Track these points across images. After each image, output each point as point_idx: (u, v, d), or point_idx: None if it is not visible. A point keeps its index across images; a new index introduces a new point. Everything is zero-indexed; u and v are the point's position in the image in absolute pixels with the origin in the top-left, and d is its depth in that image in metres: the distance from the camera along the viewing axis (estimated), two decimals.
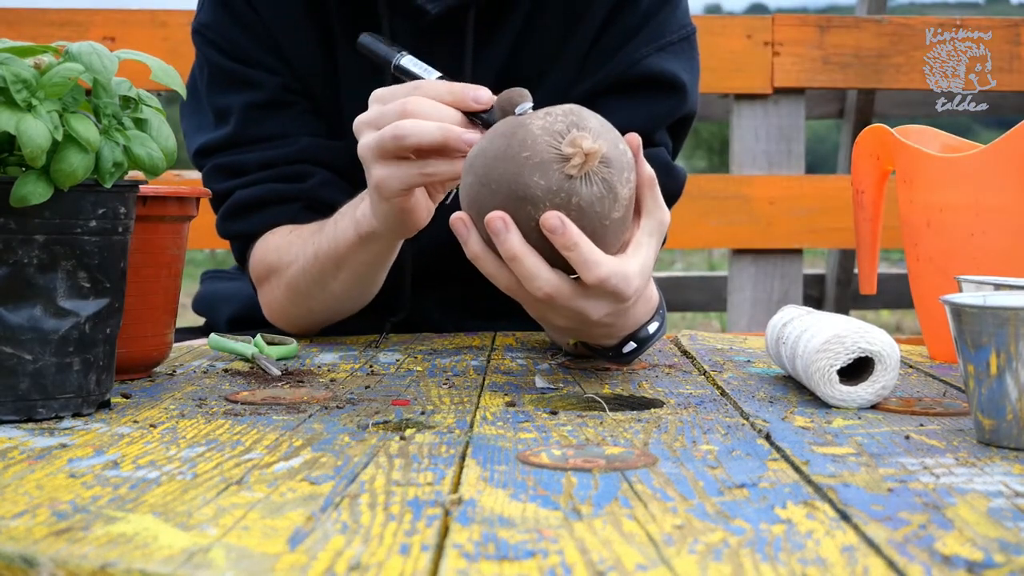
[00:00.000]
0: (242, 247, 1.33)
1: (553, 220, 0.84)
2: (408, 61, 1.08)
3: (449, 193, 1.35)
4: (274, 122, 1.30)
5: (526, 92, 0.92)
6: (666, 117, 1.31)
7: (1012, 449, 0.74)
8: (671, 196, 1.35)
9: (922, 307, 1.19)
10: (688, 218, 2.40)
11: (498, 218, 0.85)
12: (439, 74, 1.05)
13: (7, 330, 0.81)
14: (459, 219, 0.88)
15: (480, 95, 0.95)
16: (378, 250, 1.14)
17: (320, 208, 1.26)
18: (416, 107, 0.95)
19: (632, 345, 1.01)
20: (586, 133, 0.86)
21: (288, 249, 1.24)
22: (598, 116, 0.89)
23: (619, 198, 0.87)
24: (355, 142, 1.33)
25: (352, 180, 1.30)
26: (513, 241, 0.85)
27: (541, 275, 0.87)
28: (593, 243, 0.86)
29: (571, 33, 1.30)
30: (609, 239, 0.88)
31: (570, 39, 1.30)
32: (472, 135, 0.93)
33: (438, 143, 0.93)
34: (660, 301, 1.05)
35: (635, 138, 0.91)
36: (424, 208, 1.04)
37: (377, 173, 0.98)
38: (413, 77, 1.05)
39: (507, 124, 0.88)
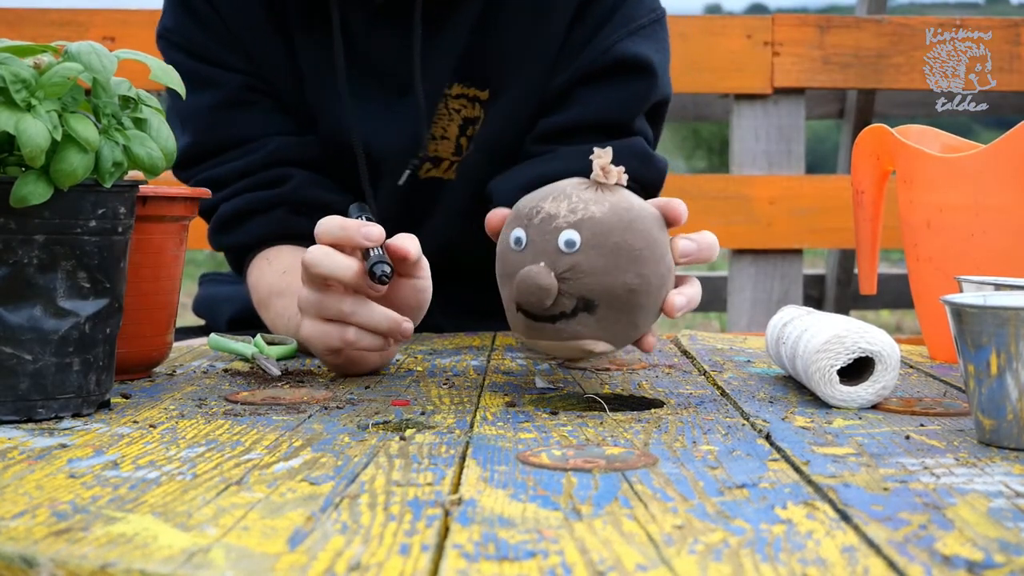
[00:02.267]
0: (236, 258, 1.33)
1: (685, 243, 0.91)
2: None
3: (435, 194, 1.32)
4: (240, 123, 1.29)
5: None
6: (641, 102, 1.31)
7: (1012, 449, 0.74)
8: (651, 186, 1.33)
9: (922, 307, 1.19)
10: (688, 218, 2.40)
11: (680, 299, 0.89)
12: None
13: (7, 330, 0.81)
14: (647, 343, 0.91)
15: (371, 232, 0.94)
16: None
17: (304, 209, 1.27)
18: (312, 260, 0.94)
19: None
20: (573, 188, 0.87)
21: (274, 302, 1.23)
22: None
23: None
24: (323, 136, 1.32)
25: (329, 173, 1.30)
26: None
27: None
28: None
29: (539, 27, 1.29)
30: None
31: (539, 33, 1.29)
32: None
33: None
34: None
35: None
36: (370, 360, 1.03)
37: (303, 329, 0.99)
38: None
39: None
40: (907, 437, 0.78)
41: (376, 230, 0.94)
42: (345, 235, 0.94)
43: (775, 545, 0.53)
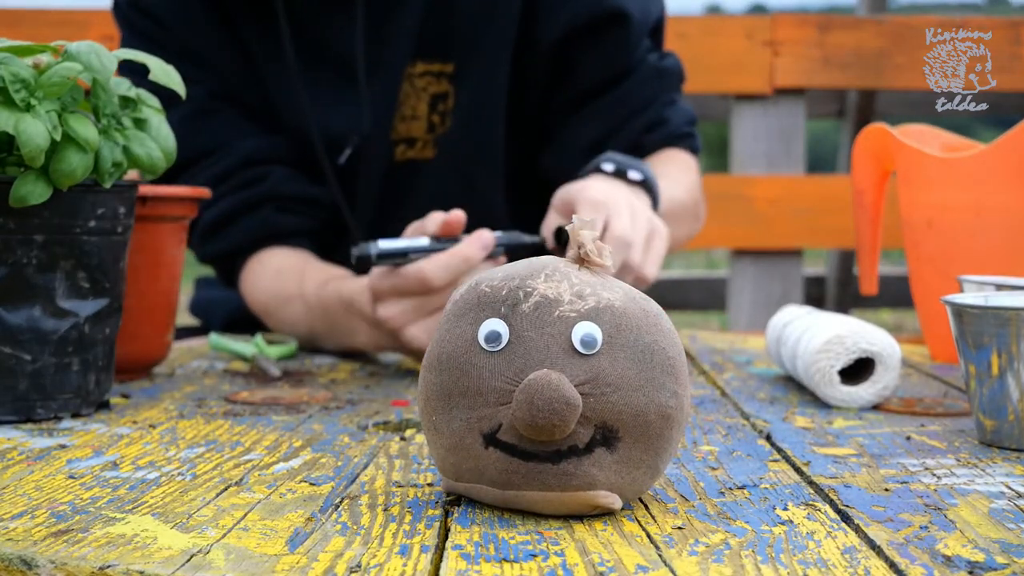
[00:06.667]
0: (225, 269, 1.30)
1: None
2: (385, 244, 1.00)
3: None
4: (208, 133, 1.27)
5: None
6: (630, 47, 1.31)
7: (1013, 450, 0.74)
8: (675, 82, 1.36)
9: (923, 307, 1.19)
10: None
11: None
12: (426, 241, 1.00)
13: (6, 330, 0.81)
14: None
15: (486, 240, 0.99)
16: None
17: (288, 205, 1.26)
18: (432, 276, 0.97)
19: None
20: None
21: (282, 308, 1.22)
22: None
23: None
24: (289, 130, 1.30)
25: (305, 169, 1.29)
26: None
27: None
28: None
29: None
30: None
31: None
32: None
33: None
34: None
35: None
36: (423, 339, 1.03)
37: (412, 338, 1.00)
38: (400, 255, 1.00)
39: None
40: (908, 438, 0.78)
41: (489, 236, 0.99)
42: (467, 264, 0.98)
43: (776, 546, 0.53)
